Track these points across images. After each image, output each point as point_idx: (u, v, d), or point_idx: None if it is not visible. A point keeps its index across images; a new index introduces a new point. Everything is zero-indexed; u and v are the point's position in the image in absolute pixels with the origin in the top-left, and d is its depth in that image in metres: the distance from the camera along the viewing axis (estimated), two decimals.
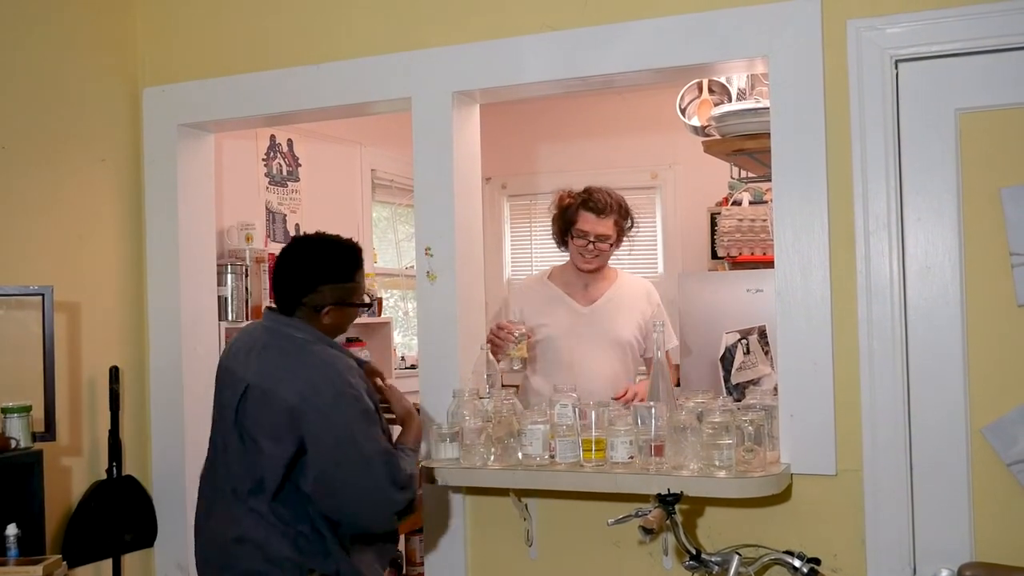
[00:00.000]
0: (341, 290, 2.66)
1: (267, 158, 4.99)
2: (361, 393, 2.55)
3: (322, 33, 3.15)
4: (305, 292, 2.64)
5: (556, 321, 3.70)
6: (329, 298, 2.64)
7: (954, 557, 2.44)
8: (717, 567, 2.40)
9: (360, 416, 2.51)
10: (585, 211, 3.63)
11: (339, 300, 2.66)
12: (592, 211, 3.62)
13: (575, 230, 3.66)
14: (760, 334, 3.99)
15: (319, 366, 2.56)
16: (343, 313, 2.68)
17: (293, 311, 2.65)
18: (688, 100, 4.29)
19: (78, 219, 3.23)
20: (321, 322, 2.65)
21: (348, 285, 2.67)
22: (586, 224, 3.63)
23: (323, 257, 2.68)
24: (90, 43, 3.30)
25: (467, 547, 2.95)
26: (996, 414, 2.43)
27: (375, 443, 2.50)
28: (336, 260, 2.68)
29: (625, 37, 2.75)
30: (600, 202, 3.62)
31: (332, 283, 2.64)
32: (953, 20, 2.44)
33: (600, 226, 3.63)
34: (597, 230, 3.63)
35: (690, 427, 2.50)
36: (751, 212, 4.81)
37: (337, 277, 2.65)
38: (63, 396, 3.10)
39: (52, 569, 2.55)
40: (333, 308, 2.65)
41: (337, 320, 2.68)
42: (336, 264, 2.67)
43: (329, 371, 2.55)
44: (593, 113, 6.27)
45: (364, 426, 2.51)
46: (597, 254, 3.67)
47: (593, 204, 3.62)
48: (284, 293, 2.67)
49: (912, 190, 2.51)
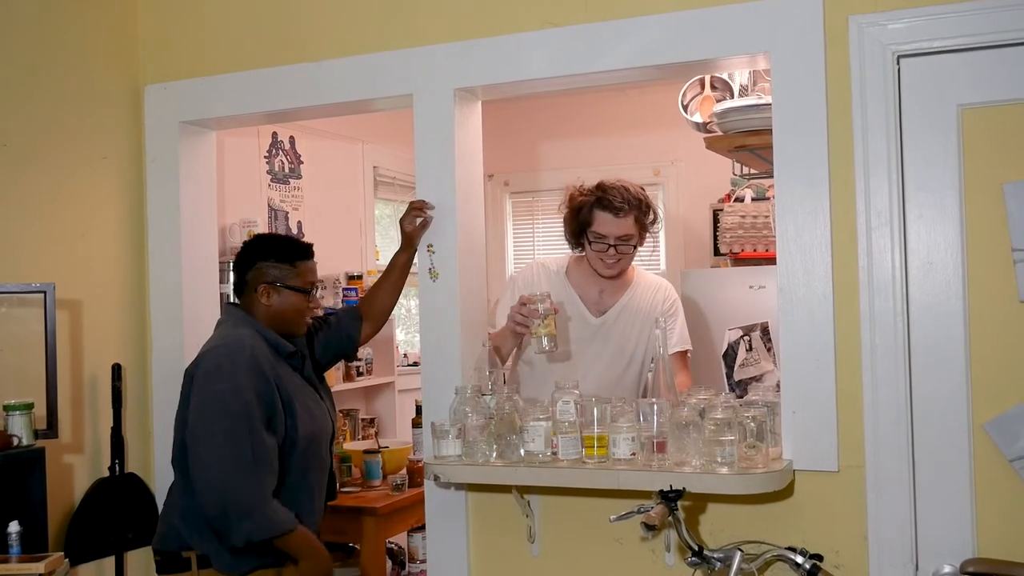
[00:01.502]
0: (277, 269, 2.81)
1: (269, 155, 4.99)
2: (239, 384, 2.61)
3: (324, 30, 3.15)
4: (247, 270, 2.84)
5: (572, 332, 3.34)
6: (263, 276, 2.81)
7: (956, 553, 2.44)
8: (719, 563, 2.40)
9: (219, 410, 2.59)
10: (601, 211, 3.22)
11: (275, 280, 2.80)
12: (608, 210, 3.21)
13: (591, 233, 3.25)
14: (763, 331, 3.98)
15: (216, 339, 2.76)
16: (282, 297, 2.81)
17: (241, 295, 2.86)
18: (690, 96, 4.28)
19: (80, 217, 3.23)
20: (261, 304, 2.80)
21: (287, 267, 2.82)
22: (603, 226, 3.23)
23: (268, 241, 2.93)
24: (91, 40, 3.30)
25: (469, 544, 2.95)
26: (998, 410, 2.43)
27: (220, 441, 2.58)
28: (279, 244, 2.89)
29: (627, 34, 2.75)
30: (617, 199, 3.20)
31: (268, 261, 2.81)
32: (955, 16, 2.43)
33: (619, 227, 3.22)
34: (617, 231, 3.22)
35: (692, 424, 2.50)
36: (753, 208, 4.81)
37: (273, 257, 2.82)
38: (65, 394, 3.10)
39: (54, 566, 2.55)
40: (269, 288, 2.80)
41: (278, 304, 2.81)
42: (276, 246, 2.86)
43: (219, 347, 2.70)
44: (595, 110, 6.26)
45: (221, 421, 2.58)
46: (619, 258, 3.27)
47: (608, 203, 3.21)
48: (235, 279, 2.86)
49: (914, 186, 2.50)
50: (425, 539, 3.14)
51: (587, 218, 3.25)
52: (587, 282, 3.39)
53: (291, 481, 2.75)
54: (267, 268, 2.81)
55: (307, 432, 2.77)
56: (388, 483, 4.14)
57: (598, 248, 3.26)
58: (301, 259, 2.85)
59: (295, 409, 2.74)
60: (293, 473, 2.75)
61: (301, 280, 2.84)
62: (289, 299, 2.82)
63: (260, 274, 2.81)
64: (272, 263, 2.82)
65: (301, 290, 2.83)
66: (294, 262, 2.84)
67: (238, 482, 2.56)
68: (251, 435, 2.59)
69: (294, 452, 2.75)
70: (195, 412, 2.63)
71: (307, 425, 2.77)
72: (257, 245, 2.89)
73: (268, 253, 2.83)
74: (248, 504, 2.56)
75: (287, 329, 2.84)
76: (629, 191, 3.23)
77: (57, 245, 3.15)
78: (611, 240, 3.23)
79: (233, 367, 2.63)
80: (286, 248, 2.87)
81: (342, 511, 3.93)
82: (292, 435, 2.74)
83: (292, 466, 2.75)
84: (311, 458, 2.81)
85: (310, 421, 2.79)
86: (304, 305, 2.84)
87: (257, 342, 2.72)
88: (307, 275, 2.86)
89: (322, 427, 2.86)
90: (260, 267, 2.82)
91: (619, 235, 3.23)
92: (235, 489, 2.56)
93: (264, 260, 2.82)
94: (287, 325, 2.84)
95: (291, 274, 2.82)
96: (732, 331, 3.95)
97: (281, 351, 2.80)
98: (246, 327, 2.77)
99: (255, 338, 2.73)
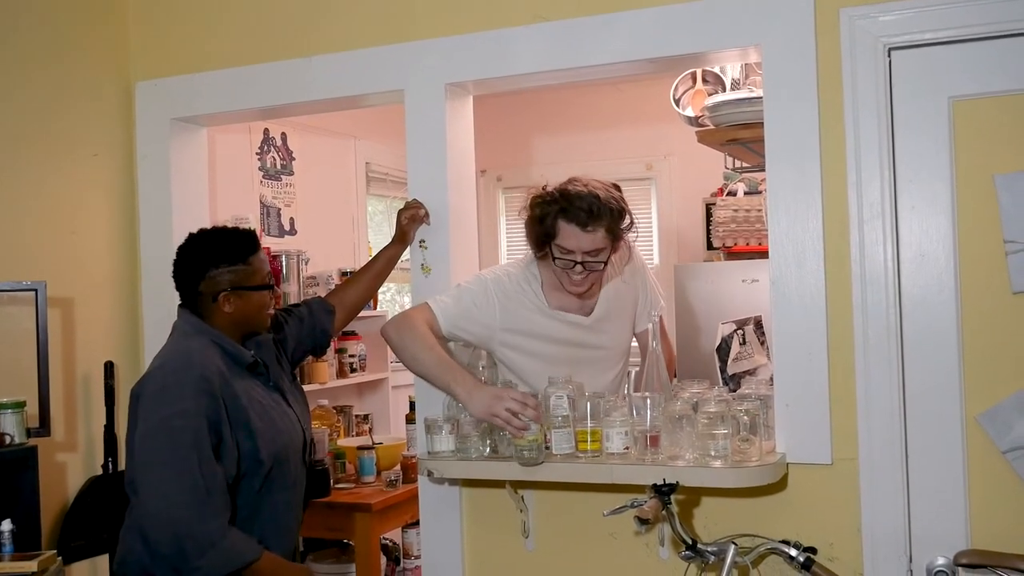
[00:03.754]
0: (232, 273, 2.58)
1: (261, 152, 4.98)
2: (187, 408, 2.40)
3: (314, 25, 3.15)
4: (198, 281, 2.58)
5: (552, 349, 2.87)
6: (222, 283, 2.57)
7: (950, 545, 2.45)
8: (713, 557, 2.40)
9: (166, 440, 2.38)
10: (566, 223, 2.69)
11: (234, 284, 2.57)
12: (575, 223, 2.68)
13: (556, 247, 2.73)
14: (756, 324, 3.98)
15: (164, 354, 2.56)
16: (244, 299, 2.59)
17: (195, 305, 2.61)
18: (682, 90, 4.27)
19: (71, 214, 3.22)
20: (223, 312, 2.58)
21: (241, 267, 2.59)
22: (569, 239, 2.69)
23: (211, 242, 2.62)
24: (81, 37, 3.29)
25: (463, 539, 2.94)
26: (991, 402, 2.43)
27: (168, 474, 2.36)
28: (225, 244, 2.61)
29: (617, 27, 2.75)
30: (584, 211, 2.66)
31: (222, 267, 2.57)
32: (946, 7, 2.43)
33: (589, 241, 2.69)
34: (586, 246, 2.70)
35: (686, 417, 2.50)
36: (746, 202, 4.82)
37: (226, 260, 2.58)
38: (57, 392, 3.10)
39: (47, 565, 2.54)
40: (231, 294, 2.57)
41: (241, 308, 2.59)
42: (225, 248, 2.60)
43: (167, 364, 2.50)
44: (587, 104, 6.26)
45: (168, 452, 2.37)
46: (588, 274, 2.75)
47: (575, 214, 2.67)
48: (181, 287, 2.63)
49: (906, 178, 2.50)
50: (419, 535, 3.13)
51: (551, 229, 2.72)
52: (561, 289, 2.85)
53: (255, 505, 2.56)
54: (221, 275, 2.57)
55: (272, 451, 2.55)
56: (382, 479, 4.14)
57: (563, 264, 2.74)
58: (253, 253, 2.62)
59: (256, 429, 2.52)
60: (257, 496, 2.55)
61: (260, 276, 2.62)
62: (253, 300, 2.61)
63: (215, 283, 2.57)
64: (225, 268, 2.57)
65: (263, 287, 2.63)
66: (247, 259, 2.60)
67: (191, 518, 2.35)
68: (201, 465, 2.38)
69: (257, 474, 2.54)
70: (141, 440, 2.42)
71: (272, 444, 2.55)
72: (201, 250, 2.61)
73: (217, 257, 2.58)
74: (204, 540, 2.35)
75: (252, 329, 2.66)
76: (599, 199, 2.68)
77: (48, 243, 3.14)
78: (578, 256, 2.71)
79: (180, 389, 2.42)
80: (234, 246, 2.61)
81: (336, 508, 3.93)
82: (255, 456, 2.52)
83: (255, 489, 2.55)
84: (278, 477, 2.59)
85: (276, 437, 2.57)
86: (268, 301, 2.65)
87: (210, 356, 2.51)
88: (263, 267, 2.64)
89: (290, 441, 2.64)
90: (213, 275, 2.57)
91: (588, 250, 2.71)
92: (188, 525, 2.34)
93: (215, 266, 2.57)
94: (252, 326, 2.65)
95: (248, 273, 2.60)
96: (725, 325, 3.95)
97: (240, 362, 2.59)
98: (200, 337, 2.55)
99: (208, 351, 2.52)
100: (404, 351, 2.72)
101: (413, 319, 2.75)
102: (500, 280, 2.87)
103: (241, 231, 2.67)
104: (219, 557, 2.37)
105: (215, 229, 2.69)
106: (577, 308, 2.90)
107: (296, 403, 2.77)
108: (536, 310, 2.85)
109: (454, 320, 2.77)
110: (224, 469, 2.45)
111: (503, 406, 2.50)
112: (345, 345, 5.06)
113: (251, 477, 2.54)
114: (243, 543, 2.43)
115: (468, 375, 2.63)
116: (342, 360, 5.04)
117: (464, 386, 2.58)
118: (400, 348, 2.73)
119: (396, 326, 2.76)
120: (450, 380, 2.60)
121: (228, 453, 2.47)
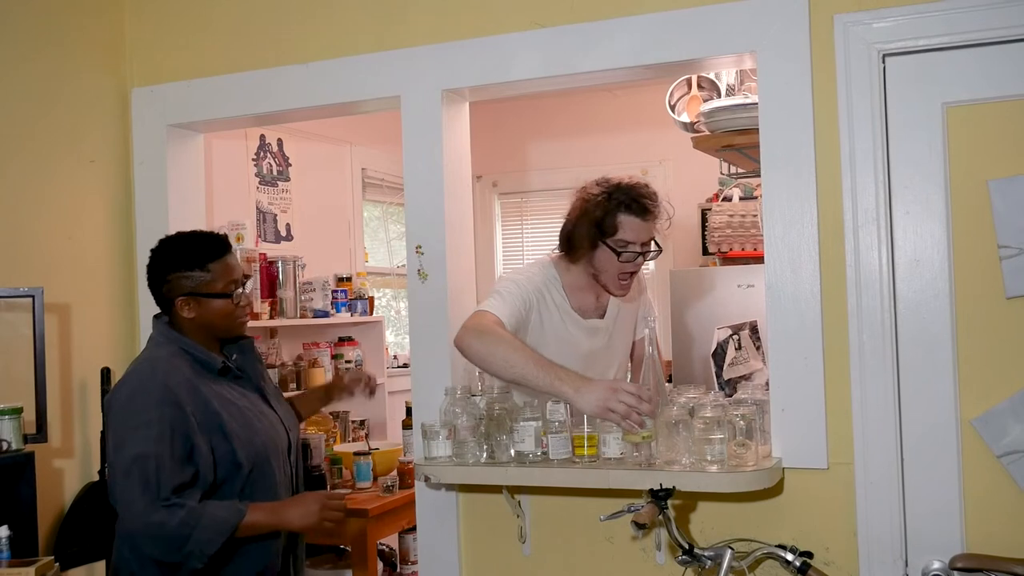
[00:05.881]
0: (189, 279, 2.54)
1: (257, 158, 4.99)
2: (151, 418, 2.38)
3: (310, 32, 3.15)
4: (160, 285, 2.58)
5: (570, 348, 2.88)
6: (178, 288, 2.54)
7: (945, 549, 2.45)
8: (710, 561, 2.40)
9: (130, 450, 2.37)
10: (627, 215, 2.75)
11: (191, 291, 2.53)
12: (637, 214, 2.75)
13: (615, 241, 2.75)
14: (752, 329, 4.00)
15: (132, 366, 2.57)
16: (204, 306, 2.55)
17: (166, 311, 2.61)
18: (677, 96, 4.29)
19: (68, 220, 3.22)
20: (183, 317, 2.56)
21: (198, 274, 2.54)
22: (629, 231, 2.75)
23: (172, 248, 2.60)
24: (78, 43, 3.29)
25: (460, 544, 2.95)
26: (986, 406, 2.44)
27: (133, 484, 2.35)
28: (184, 249, 2.58)
29: (613, 34, 2.76)
30: (646, 198, 2.77)
31: (179, 271, 2.54)
32: (939, 14, 2.45)
33: (647, 230, 2.79)
34: (644, 236, 2.78)
35: (682, 422, 2.50)
36: (741, 208, 4.84)
37: (184, 265, 2.54)
38: (54, 398, 3.09)
39: (44, 571, 2.54)
40: (189, 300, 2.54)
41: (200, 315, 2.56)
42: (184, 253, 2.56)
43: (133, 373, 2.51)
44: (583, 110, 6.28)
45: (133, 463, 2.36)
46: (636, 271, 2.84)
47: (638, 205, 2.75)
48: (152, 293, 2.62)
49: (900, 184, 2.51)
50: (416, 540, 3.13)
51: (610, 226, 2.76)
52: (584, 296, 2.93)
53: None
54: (179, 279, 2.54)
55: (250, 452, 2.52)
56: (379, 485, 4.13)
57: (627, 257, 2.77)
58: (214, 259, 2.56)
59: (231, 431, 2.49)
60: (241, 499, 2.51)
61: (221, 283, 2.56)
62: (212, 307, 2.56)
63: (173, 287, 2.54)
64: (183, 272, 2.54)
65: (222, 295, 2.56)
66: (206, 265, 2.55)
67: (161, 521, 2.34)
68: (159, 472, 2.36)
69: (237, 477, 2.51)
70: (111, 451, 2.44)
71: (249, 445, 2.52)
72: (163, 254, 2.59)
73: (177, 261, 2.55)
74: (179, 534, 2.35)
75: (223, 335, 2.63)
76: (651, 188, 2.82)
77: (45, 249, 3.14)
78: (638, 247, 2.78)
79: (145, 397, 2.41)
80: (194, 251, 2.57)
81: None
82: (232, 459, 2.49)
83: (236, 492, 2.51)
84: (260, 479, 2.56)
85: (253, 439, 2.54)
86: (231, 309, 2.58)
87: (176, 365, 2.49)
88: (227, 274, 2.57)
89: (270, 441, 2.60)
90: (171, 279, 2.54)
91: (645, 240, 2.80)
92: (160, 527, 2.34)
93: (174, 270, 2.54)
94: (220, 331, 2.62)
95: (206, 280, 2.54)
96: (721, 330, 3.96)
97: (210, 368, 2.56)
98: (168, 346, 2.54)
99: (175, 359, 2.50)
100: (493, 357, 2.57)
101: (487, 325, 2.63)
102: (531, 280, 2.86)
103: (207, 236, 2.64)
104: (204, 536, 2.36)
105: (181, 234, 2.67)
106: (592, 310, 2.96)
107: (279, 404, 2.75)
108: (558, 310, 2.89)
109: (510, 319, 2.70)
110: (200, 473, 2.44)
111: (619, 400, 2.39)
112: (342, 351, 5.06)
113: (231, 481, 2.52)
114: (222, 510, 2.41)
115: (570, 371, 2.52)
116: (338, 366, 5.04)
117: (571, 383, 2.46)
118: (488, 356, 2.58)
119: (474, 335, 2.62)
120: (553, 378, 2.47)
121: (203, 459, 2.45)
